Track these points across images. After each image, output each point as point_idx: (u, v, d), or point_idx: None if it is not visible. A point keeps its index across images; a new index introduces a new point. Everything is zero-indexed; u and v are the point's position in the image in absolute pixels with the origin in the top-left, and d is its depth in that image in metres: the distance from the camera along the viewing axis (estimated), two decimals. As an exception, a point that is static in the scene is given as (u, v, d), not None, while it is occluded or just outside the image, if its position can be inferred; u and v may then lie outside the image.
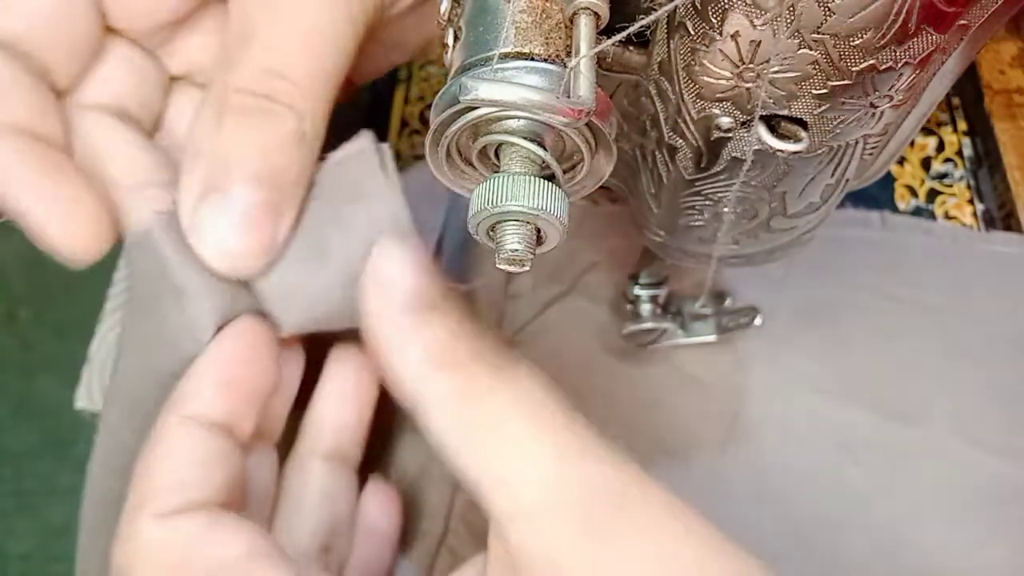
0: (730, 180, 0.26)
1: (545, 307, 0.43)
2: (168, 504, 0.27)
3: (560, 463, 0.25)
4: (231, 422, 0.29)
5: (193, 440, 0.28)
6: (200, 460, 0.28)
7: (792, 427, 0.40)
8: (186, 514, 0.26)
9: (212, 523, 0.26)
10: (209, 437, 0.28)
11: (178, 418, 0.28)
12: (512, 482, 0.25)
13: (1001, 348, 0.41)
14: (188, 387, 0.29)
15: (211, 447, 0.28)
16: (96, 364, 0.46)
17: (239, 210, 0.27)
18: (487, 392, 0.26)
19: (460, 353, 0.26)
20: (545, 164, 0.23)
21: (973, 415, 0.40)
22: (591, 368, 0.42)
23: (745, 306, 0.40)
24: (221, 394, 0.29)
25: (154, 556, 0.26)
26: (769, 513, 0.38)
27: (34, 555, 1.01)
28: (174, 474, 0.27)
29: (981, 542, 0.37)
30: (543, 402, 0.26)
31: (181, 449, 0.28)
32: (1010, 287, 0.42)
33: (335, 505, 0.33)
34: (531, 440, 0.25)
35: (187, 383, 0.29)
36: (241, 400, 0.29)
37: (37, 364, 1.11)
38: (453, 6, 0.24)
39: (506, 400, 0.26)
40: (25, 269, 1.16)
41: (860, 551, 0.38)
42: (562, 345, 0.42)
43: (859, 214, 0.44)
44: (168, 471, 0.27)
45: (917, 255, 0.44)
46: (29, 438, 1.07)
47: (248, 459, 0.30)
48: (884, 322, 0.42)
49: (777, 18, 0.20)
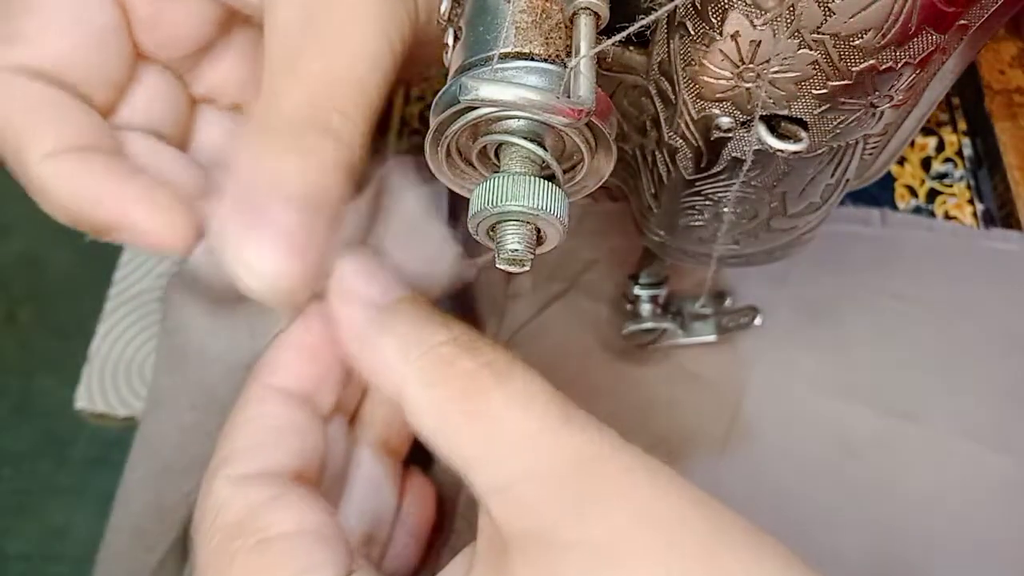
0: (730, 180, 0.26)
1: (545, 306, 0.43)
2: (242, 467, 0.28)
3: (538, 435, 0.25)
4: (312, 393, 0.30)
5: (273, 408, 0.29)
6: (278, 428, 0.29)
7: (792, 425, 0.40)
8: (256, 481, 0.28)
9: (276, 495, 0.27)
10: (289, 406, 0.29)
11: (261, 386, 0.30)
12: (491, 457, 0.25)
13: (1000, 345, 0.41)
14: (272, 358, 0.30)
15: (290, 416, 0.29)
16: (96, 364, 0.46)
17: (279, 233, 0.27)
18: (463, 373, 0.26)
19: (433, 338, 0.27)
20: (545, 164, 0.23)
21: (973, 412, 0.40)
22: (591, 367, 0.42)
23: (745, 306, 0.40)
24: (303, 365, 0.30)
25: (219, 515, 0.27)
26: (769, 510, 0.38)
27: (34, 555, 1.01)
28: (252, 439, 0.29)
29: (981, 538, 0.38)
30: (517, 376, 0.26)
31: (261, 416, 0.29)
32: (1010, 284, 0.43)
33: (381, 495, 0.33)
34: (508, 414, 0.25)
35: (271, 354, 0.30)
36: (322, 373, 0.30)
37: (37, 364, 1.11)
38: (453, 6, 0.24)
39: (482, 377, 0.26)
40: (25, 269, 1.16)
41: (860, 548, 0.38)
42: (562, 344, 0.42)
43: (859, 212, 0.44)
44: (246, 436, 0.29)
45: (917, 252, 0.44)
46: (29, 438, 1.07)
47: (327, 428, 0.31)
48: (884, 319, 0.42)
49: (777, 18, 0.20)
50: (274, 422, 0.29)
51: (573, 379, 0.41)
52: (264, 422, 0.29)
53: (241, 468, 0.28)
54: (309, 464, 0.29)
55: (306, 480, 0.29)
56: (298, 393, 0.30)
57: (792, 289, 0.42)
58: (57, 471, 1.04)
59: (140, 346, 0.46)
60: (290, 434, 0.29)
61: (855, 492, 0.39)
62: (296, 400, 0.30)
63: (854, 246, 0.44)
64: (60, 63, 0.30)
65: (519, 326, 0.42)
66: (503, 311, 0.42)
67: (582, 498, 0.24)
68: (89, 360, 0.46)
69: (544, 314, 0.43)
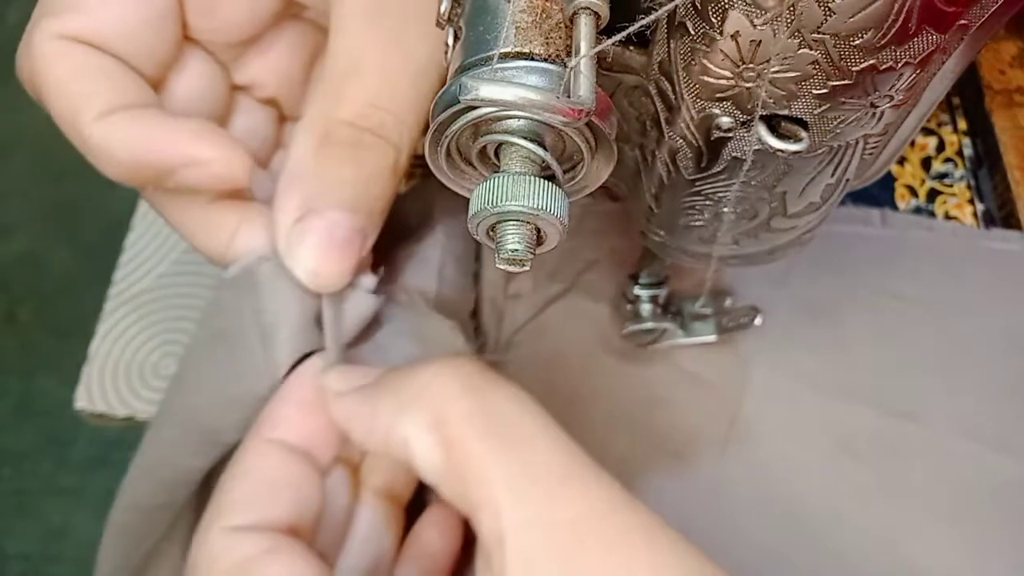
0: (730, 180, 0.26)
1: (545, 306, 0.43)
2: (238, 519, 0.28)
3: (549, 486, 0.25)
4: (311, 447, 0.30)
5: (271, 462, 0.30)
6: (275, 481, 0.29)
7: (793, 425, 0.40)
8: (251, 533, 0.28)
9: (271, 548, 0.28)
10: (288, 460, 0.30)
11: (261, 440, 0.30)
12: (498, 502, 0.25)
13: (1001, 345, 0.41)
14: (272, 411, 0.31)
15: (287, 470, 0.30)
16: (96, 364, 0.46)
17: (336, 235, 0.29)
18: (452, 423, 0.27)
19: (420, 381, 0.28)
20: (545, 164, 0.23)
21: (973, 412, 0.40)
22: (591, 367, 0.42)
23: (745, 306, 0.40)
24: (303, 419, 0.30)
25: (212, 566, 0.28)
26: (770, 510, 0.38)
27: (34, 555, 1.01)
28: (248, 492, 0.29)
29: (981, 538, 0.38)
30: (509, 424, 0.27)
31: (259, 469, 0.29)
32: (1010, 284, 0.43)
33: (381, 542, 0.33)
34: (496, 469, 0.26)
35: (272, 407, 0.31)
36: (321, 427, 0.31)
37: (37, 364, 1.11)
38: (453, 6, 0.24)
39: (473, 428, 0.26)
40: (25, 269, 1.16)
41: (861, 547, 0.38)
42: (562, 344, 0.42)
43: (859, 211, 0.44)
44: (243, 488, 0.29)
45: (917, 252, 0.44)
46: (29, 438, 1.07)
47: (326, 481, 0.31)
48: (884, 319, 0.42)
49: (777, 18, 0.20)
50: (271, 475, 0.29)
51: (573, 379, 0.41)
52: (261, 475, 0.29)
53: (236, 520, 0.28)
54: (304, 518, 0.30)
55: (301, 533, 0.29)
56: (297, 447, 0.30)
57: (792, 289, 0.42)
58: (57, 471, 1.04)
59: (140, 346, 0.46)
60: (286, 488, 0.29)
61: (855, 492, 0.39)
62: (295, 455, 0.30)
63: (854, 246, 0.44)
64: (113, 36, 0.30)
65: (519, 326, 0.42)
66: (503, 311, 0.42)
67: (576, 557, 0.25)
68: (89, 360, 0.46)
69: (544, 314, 0.43)
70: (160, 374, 0.45)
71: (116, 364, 0.46)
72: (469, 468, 0.26)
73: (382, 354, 0.33)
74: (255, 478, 0.29)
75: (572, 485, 0.26)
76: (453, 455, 0.26)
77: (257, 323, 0.31)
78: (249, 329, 0.31)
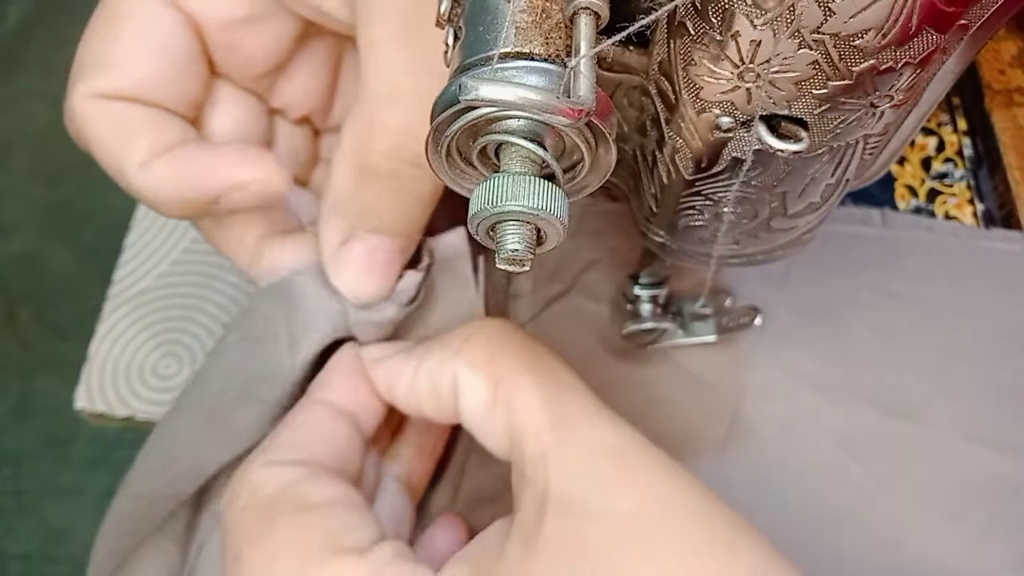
0: (730, 180, 0.26)
1: (545, 306, 0.43)
2: (282, 455, 0.30)
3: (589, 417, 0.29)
4: (357, 411, 0.33)
5: (320, 417, 0.32)
6: (321, 434, 0.32)
7: (792, 425, 0.40)
8: (292, 464, 0.30)
9: (311, 474, 0.30)
10: (335, 419, 0.32)
11: (312, 399, 0.33)
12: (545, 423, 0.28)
13: (1001, 345, 0.41)
14: (324, 377, 0.34)
15: (334, 427, 0.32)
16: (96, 364, 0.46)
17: (376, 257, 0.32)
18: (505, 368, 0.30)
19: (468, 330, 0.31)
20: (545, 164, 0.23)
21: (973, 412, 0.40)
22: (591, 367, 0.41)
23: (745, 306, 0.40)
24: (351, 384, 0.33)
25: (258, 491, 0.29)
26: (770, 511, 0.38)
27: (34, 555, 1.01)
28: (295, 437, 0.31)
29: (982, 538, 0.38)
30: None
31: (307, 422, 0.32)
32: (1010, 284, 0.43)
33: (403, 526, 0.35)
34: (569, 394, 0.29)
35: (323, 375, 0.34)
36: (367, 393, 0.33)
37: (37, 364, 1.11)
38: (453, 6, 0.24)
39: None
40: (25, 269, 1.16)
41: (861, 548, 0.38)
42: (562, 344, 0.42)
43: (859, 211, 0.44)
44: (291, 434, 0.32)
45: (917, 252, 0.44)
46: (29, 438, 1.07)
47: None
48: (884, 319, 0.42)
49: (778, 18, 0.20)
50: (319, 427, 0.32)
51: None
52: (309, 426, 0.32)
53: (280, 456, 0.30)
54: (345, 473, 0.31)
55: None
56: (345, 410, 0.33)
57: (792, 289, 0.42)
58: (57, 471, 1.04)
59: (140, 346, 0.46)
60: (332, 442, 0.32)
61: (855, 492, 0.39)
62: (343, 415, 0.33)
63: (854, 246, 0.44)
64: (144, 87, 0.32)
65: (519, 326, 0.42)
66: (503, 312, 0.42)
67: (618, 476, 0.27)
68: (89, 360, 0.46)
69: (544, 314, 0.43)
70: (160, 374, 0.45)
71: (116, 364, 0.46)
72: (517, 398, 0.29)
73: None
74: (304, 427, 0.32)
75: (613, 421, 0.29)
76: (502, 388, 0.29)
77: (288, 331, 0.33)
78: (280, 334, 0.33)
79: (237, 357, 0.34)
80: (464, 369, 0.30)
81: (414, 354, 0.32)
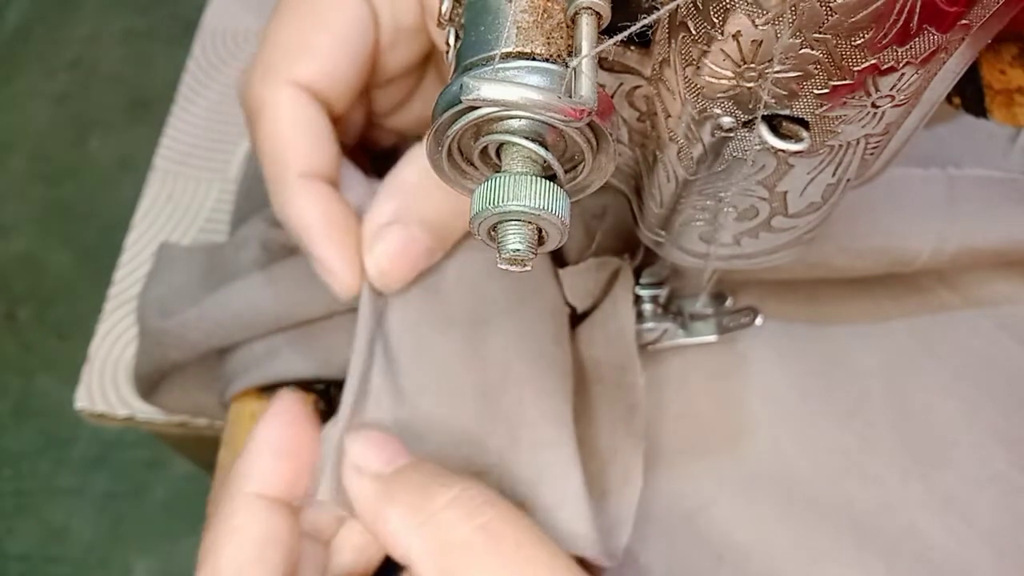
0: (731, 180, 0.26)
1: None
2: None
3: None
4: (289, 493, 0.31)
5: (255, 519, 0.30)
6: (261, 539, 0.30)
7: (793, 425, 0.40)
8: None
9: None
10: (270, 514, 0.30)
11: (243, 496, 0.30)
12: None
13: (1001, 344, 0.41)
14: (247, 462, 0.31)
15: (271, 525, 0.30)
16: (96, 364, 0.46)
17: (411, 248, 0.33)
18: (460, 543, 0.28)
19: (434, 504, 0.29)
20: (547, 164, 0.23)
21: (974, 404, 0.40)
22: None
23: (745, 306, 0.40)
24: (279, 464, 0.31)
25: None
26: (769, 513, 0.38)
27: (34, 555, 1.01)
28: (236, 554, 0.29)
29: (985, 539, 0.37)
30: (509, 536, 0.28)
31: (244, 528, 0.30)
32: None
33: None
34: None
35: (246, 459, 0.31)
36: (297, 468, 0.32)
37: (37, 364, 1.11)
38: (454, 6, 0.24)
39: (476, 544, 0.28)
40: (25, 269, 1.16)
41: (861, 547, 0.38)
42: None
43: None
44: (231, 551, 0.29)
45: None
46: (29, 438, 1.07)
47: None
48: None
49: (779, 17, 0.20)
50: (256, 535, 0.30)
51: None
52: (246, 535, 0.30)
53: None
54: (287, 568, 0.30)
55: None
56: (277, 497, 0.31)
57: (793, 289, 0.42)
58: (57, 471, 1.04)
59: (140, 346, 0.46)
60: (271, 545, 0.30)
61: (856, 492, 0.39)
62: (276, 505, 0.31)
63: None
64: (331, 79, 0.33)
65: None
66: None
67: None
68: (89, 360, 0.46)
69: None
70: (160, 374, 0.45)
71: (116, 364, 0.46)
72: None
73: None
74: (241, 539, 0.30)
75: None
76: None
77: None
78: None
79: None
80: (417, 553, 0.28)
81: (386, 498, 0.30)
